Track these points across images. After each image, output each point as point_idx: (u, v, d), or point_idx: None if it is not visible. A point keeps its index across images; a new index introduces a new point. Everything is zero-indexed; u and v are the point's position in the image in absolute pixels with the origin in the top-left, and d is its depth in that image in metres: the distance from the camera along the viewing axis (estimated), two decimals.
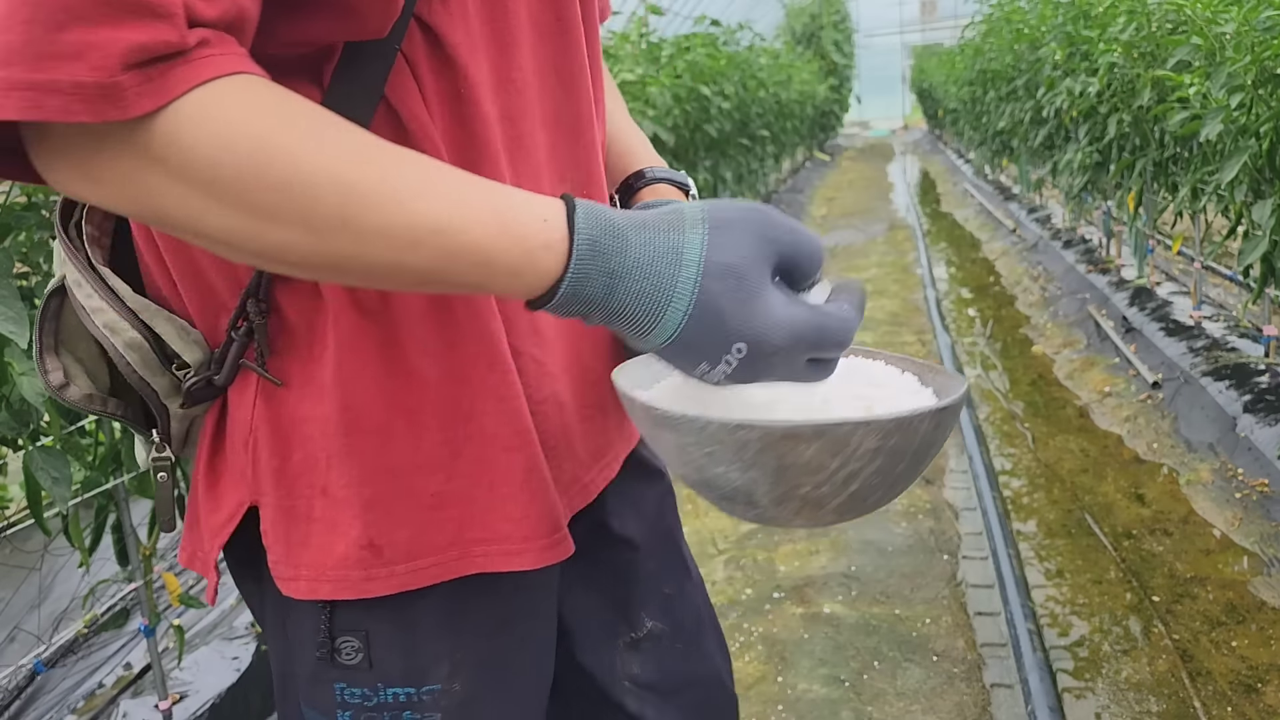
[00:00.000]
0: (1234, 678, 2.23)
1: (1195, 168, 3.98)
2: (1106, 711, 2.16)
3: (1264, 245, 3.03)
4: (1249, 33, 3.27)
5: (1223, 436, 3.39)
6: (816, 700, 2.22)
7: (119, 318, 0.72)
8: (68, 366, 0.78)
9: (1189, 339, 4.26)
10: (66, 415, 1.72)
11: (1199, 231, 4.53)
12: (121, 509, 1.87)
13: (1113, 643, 2.42)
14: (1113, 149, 5.11)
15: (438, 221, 0.58)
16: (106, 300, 0.73)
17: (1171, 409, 3.81)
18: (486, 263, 0.60)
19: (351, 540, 0.73)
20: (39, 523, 1.72)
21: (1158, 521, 3.06)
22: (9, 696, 2.29)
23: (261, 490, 0.75)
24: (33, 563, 2.00)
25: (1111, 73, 4.81)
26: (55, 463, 1.54)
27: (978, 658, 2.37)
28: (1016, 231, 8.39)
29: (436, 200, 0.58)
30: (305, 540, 0.74)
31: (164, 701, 1.99)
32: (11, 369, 1.44)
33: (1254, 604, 2.52)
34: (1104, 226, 6.23)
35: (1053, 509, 3.23)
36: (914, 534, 3.01)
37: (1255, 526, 2.86)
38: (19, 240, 1.61)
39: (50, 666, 2.41)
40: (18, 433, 1.56)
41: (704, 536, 3.19)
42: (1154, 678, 2.27)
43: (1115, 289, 5.42)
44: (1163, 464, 3.45)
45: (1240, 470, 3.17)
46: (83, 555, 1.82)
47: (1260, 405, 3.38)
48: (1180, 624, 2.47)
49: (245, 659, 2.24)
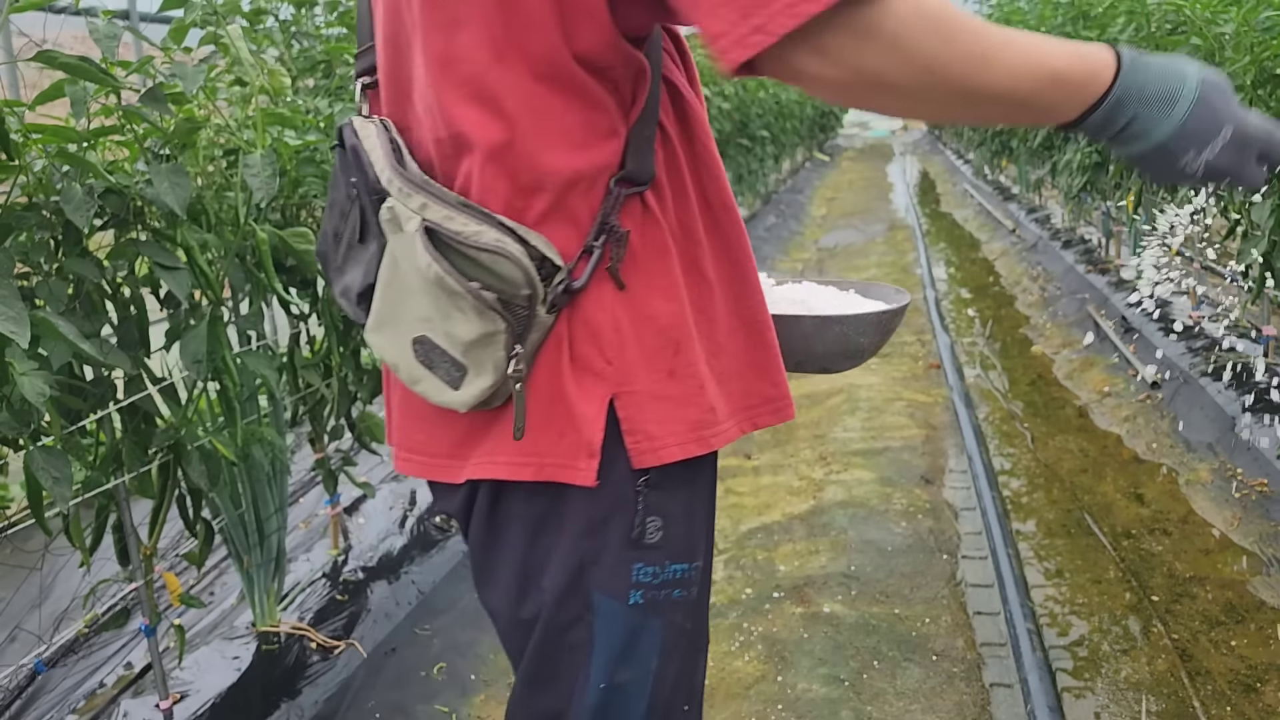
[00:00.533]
0: (1233, 677, 2.24)
1: None
2: (1106, 711, 2.17)
3: (1263, 245, 3.04)
4: (1248, 33, 3.28)
5: (1222, 436, 3.39)
6: (816, 700, 2.22)
7: (500, 234, 0.89)
8: None
9: (1188, 339, 4.27)
10: (67, 415, 1.72)
11: (1198, 232, 4.53)
12: (122, 508, 1.87)
13: (1112, 642, 2.42)
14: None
15: (1044, 58, 0.86)
16: (486, 223, 0.89)
17: (1171, 409, 3.81)
18: (1068, 82, 0.86)
19: (700, 407, 0.96)
20: (40, 522, 1.72)
21: (1157, 521, 3.06)
22: (10, 696, 2.29)
23: (623, 380, 0.94)
24: (33, 562, 2.00)
25: None
26: (56, 462, 1.54)
27: (977, 657, 2.37)
28: (1016, 232, 8.39)
29: (1040, 48, 0.87)
30: (662, 416, 0.95)
31: (164, 701, 1.99)
32: (12, 369, 1.44)
33: (1253, 604, 2.52)
34: (1103, 227, 6.24)
35: (1052, 509, 3.23)
36: (913, 534, 3.01)
37: (1254, 526, 2.86)
38: (20, 241, 1.61)
39: (51, 666, 2.41)
40: (18, 432, 1.56)
41: None
42: (1153, 677, 2.27)
43: (1114, 289, 5.42)
44: (1162, 464, 3.46)
45: (1239, 470, 3.17)
46: (83, 555, 1.82)
47: (1259, 405, 3.38)
48: (1179, 623, 2.48)
49: (246, 659, 2.24)
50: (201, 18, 1.91)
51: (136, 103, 1.62)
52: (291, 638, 2.33)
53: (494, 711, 2.29)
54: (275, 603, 2.40)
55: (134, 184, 1.69)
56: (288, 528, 2.44)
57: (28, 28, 1.82)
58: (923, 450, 3.72)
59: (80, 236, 1.65)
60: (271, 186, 1.73)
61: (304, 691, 2.21)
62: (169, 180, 1.61)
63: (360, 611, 2.51)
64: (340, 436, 2.49)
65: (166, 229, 1.76)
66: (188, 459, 1.86)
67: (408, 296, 0.93)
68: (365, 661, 2.36)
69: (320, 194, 2.16)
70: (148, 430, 1.84)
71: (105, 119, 1.68)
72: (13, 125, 1.52)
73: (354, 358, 2.39)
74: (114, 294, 1.76)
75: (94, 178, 1.63)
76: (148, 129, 1.71)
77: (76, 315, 1.64)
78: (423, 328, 0.92)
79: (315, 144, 2.09)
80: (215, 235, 1.83)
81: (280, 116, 1.91)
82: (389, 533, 2.94)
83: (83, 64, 1.49)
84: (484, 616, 2.75)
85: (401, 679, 2.35)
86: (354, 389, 2.43)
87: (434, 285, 0.90)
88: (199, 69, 1.68)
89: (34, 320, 1.41)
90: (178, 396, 1.91)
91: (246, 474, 2.26)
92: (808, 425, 4.17)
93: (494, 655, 2.49)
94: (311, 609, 2.48)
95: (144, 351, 1.81)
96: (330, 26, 2.84)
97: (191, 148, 1.78)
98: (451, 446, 1.00)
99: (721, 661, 2.43)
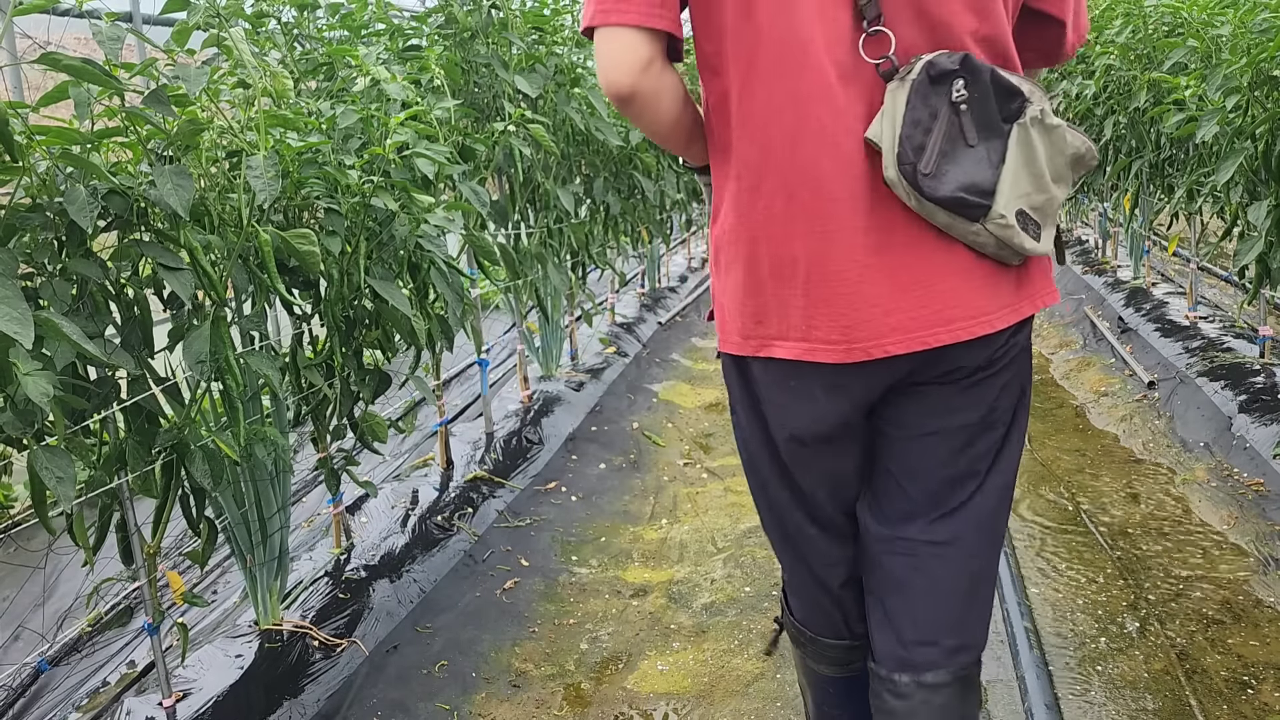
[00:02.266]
0: (1229, 675, 2.25)
1: (1191, 169, 4.00)
2: (1103, 708, 2.18)
3: (1259, 246, 3.05)
4: (1245, 35, 3.30)
5: (1218, 436, 3.40)
6: None
7: None
8: None
9: (1185, 339, 4.28)
10: (71, 415, 1.73)
11: (1195, 233, 4.54)
12: (125, 508, 1.88)
13: (1109, 640, 2.44)
14: (1109, 150, 5.13)
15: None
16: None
17: (1167, 409, 3.83)
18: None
19: (740, 322, 1.33)
20: (43, 522, 1.73)
21: (1153, 520, 3.07)
22: (13, 694, 2.30)
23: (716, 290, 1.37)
24: (37, 561, 2.01)
25: (1108, 75, 4.82)
26: (59, 462, 1.55)
27: None
28: None
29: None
30: (722, 324, 1.36)
31: (167, 699, 2.00)
32: (16, 369, 1.45)
33: (1249, 602, 2.54)
34: (1100, 228, 6.25)
35: (1049, 507, 3.24)
36: None
37: (1251, 525, 2.88)
38: (24, 242, 1.62)
39: (54, 664, 2.42)
40: (22, 432, 1.57)
41: (703, 535, 3.21)
42: (1150, 675, 2.28)
43: (1111, 289, 5.44)
44: (1159, 463, 3.47)
45: (1236, 469, 3.19)
46: (87, 554, 1.83)
47: (1256, 405, 3.39)
48: (1176, 622, 2.49)
49: (249, 657, 2.25)
50: (204, 20, 1.92)
51: (140, 105, 1.63)
52: (294, 636, 2.34)
53: (495, 709, 2.30)
54: (278, 601, 2.42)
55: (137, 185, 1.70)
56: (290, 526, 2.46)
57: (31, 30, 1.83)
58: None
59: (84, 237, 1.66)
60: (274, 188, 1.74)
61: (306, 689, 2.22)
62: (172, 182, 1.63)
63: (362, 610, 2.52)
64: (343, 436, 2.50)
65: (170, 230, 1.77)
66: (191, 458, 1.87)
67: (1031, 174, 1.23)
68: (367, 659, 2.37)
69: (322, 195, 2.17)
70: (151, 430, 1.85)
71: (109, 121, 1.69)
72: (17, 127, 1.53)
73: (356, 358, 2.41)
74: (118, 294, 1.78)
75: (98, 179, 1.64)
76: (151, 131, 1.73)
77: (80, 316, 1.65)
78: (1024, 202, 1.23)
79: (317, 146, 2.11)
80: (218, 236, 1.84)
81: (283, 118, 1.93)
82: (391, 531, 2.95)
83: (86, 66, 1.50)
84: (484, 615, 2.75)
85: (403, 677, 2.36)
86: (356, 389, 2.44)
87: (1074, 159, 1.27)
88: (202, 71, 1.69)
89: (38, 320, 1.42)
90: (181, 396, 1.93)
91: (249, 473, 2.27)
92: None
93: (494, 653, 2.50)
94: (314, 607, 2.50)
95: (147, 352, 1.82)
96: (332, 29, 2.85)
97: (195, 149, 1.79)
98: (1010, 297, 1.28)
99: (721, 659, 2.44)
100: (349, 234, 2.20)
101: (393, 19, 3.05)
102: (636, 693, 2.34)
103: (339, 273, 2.21)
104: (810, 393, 1.30)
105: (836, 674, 1.53)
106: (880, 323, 1.23)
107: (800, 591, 1.52)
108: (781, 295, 1.27)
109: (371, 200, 2.21)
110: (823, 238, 1.23)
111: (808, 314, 1.25)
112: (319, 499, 3.60)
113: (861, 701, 1.47)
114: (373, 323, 2.39)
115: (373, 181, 2.21)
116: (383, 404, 3.89)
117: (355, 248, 2.22)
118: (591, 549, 3.14)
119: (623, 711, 2.28)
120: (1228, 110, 3.18)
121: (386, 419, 2.56)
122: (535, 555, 3.04)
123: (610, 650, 2.54)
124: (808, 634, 1.52)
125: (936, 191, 1.19)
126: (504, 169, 3.46)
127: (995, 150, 1.22)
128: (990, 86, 1.21)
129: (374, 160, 2.25)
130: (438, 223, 2.35)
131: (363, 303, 2.33)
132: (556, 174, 3.63)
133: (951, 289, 1.24)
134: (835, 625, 1.50)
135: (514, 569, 2.93)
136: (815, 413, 1.32)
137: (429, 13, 3.27)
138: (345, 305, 2.28)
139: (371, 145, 2.30)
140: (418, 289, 2.47)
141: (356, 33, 2.89)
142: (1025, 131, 1.22)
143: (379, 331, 2.39)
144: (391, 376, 2.50)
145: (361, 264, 2.20)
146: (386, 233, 2.30)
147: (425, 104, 2.53)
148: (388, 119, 2.29)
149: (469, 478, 3.37)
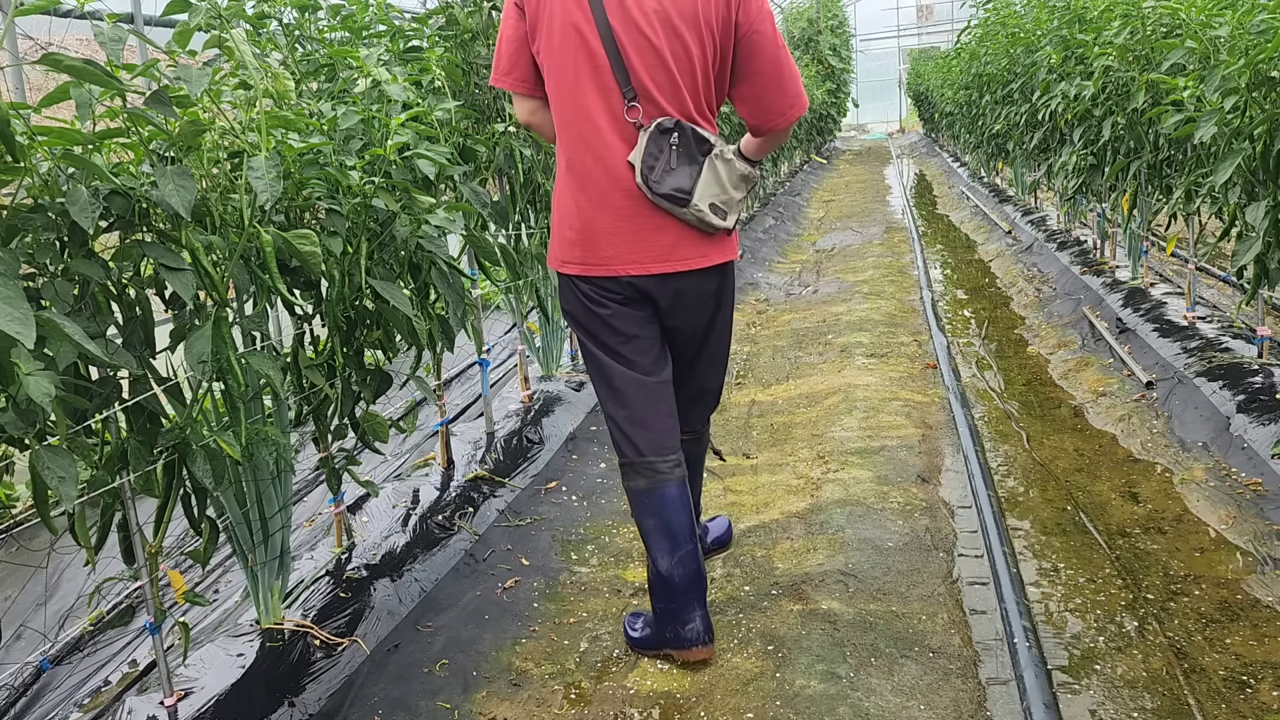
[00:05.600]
0: (1228, 675, 2.26)
1: (1189, 170, 4.01)
2: (1101, 708, 2.19)
3: (1257, 246, 3.06)
4: (1243, 36, 3.31)
5: (1216, 436, 3.41)
6: (814, 696, 2.24)
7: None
8: None
9: (1183, 339, 4.29)
10: (73, 415, 1.73)
11: (1193, 233, 4.55)
12: (127, 507, 1.88)
13: (1108, 639, 2.45)
14: (1107, 152, 5.14)
15: None
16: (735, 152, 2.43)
17: (1165, 409, 3.84)
18: None
19: (563, 254, 2.36)
20: (45, 521, 1.74)
21: (1152, 520, 3.08)
22: (15, 693, 2.31)
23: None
24: (39, 561, 2.02)
25: (1106, 76, 4.84)
26: (61, 461, 1.55)
27: (974, 654, 2.39)
28: (1012, 233, 8.42)
29: None
30: (555, 254, 2.38)
31: (169, 698, 2.01)
32: (18, 369, 1.46)
33: (1248, 602, 2.54)
34: (1098, 228, 6.26)
35: (1048, 507, 3.25)
36: (910, 532, 3.03)
37: (1249, 525, 2.89)
38: (26, 242, 1.62)
39: (56, 663, 2.43)
40: (24, 432, 1.58)
41: None
42: (1148, 674, 2.29)
43: (1110, 290, 5.45)
44: (1157, 463, 3.48)
45: (1234, 469, 3.20)
46: (88, 553, 1.83)
47: (1254, 405, 3.40)
48: (1174, 621, 2.50)
49: (250, 656, 2.26)
50: (206, 21, 1.93)
51: (142, 105, 1.64)
52: (295, 635, 2.35)
53: (495, 707, 2.31)
54: (279, 600, 2.42)
55: (139, 186, 1.71)
56: (291, 526, 2.46)
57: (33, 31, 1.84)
58: (919, 449, 3.74)
59: (86, 238, 1.67)
60: (276, 189, 1.75)
61: (307, 688, 2.22)
62: (174, 182, 1.63)
63: (363, 609, 2.53)
64: (344, 436, 2.50)
65: (171, 231, 1.78)
66: (193, 458, 1.88)
67: (717, 184, 2.25)
68: (368, 658, 2.38)
69: (323, 196, 2.18)
70: (153, 429, 1.86)
71: (110, 121, 1.70)
72: (19, 127, 1.53)
73: (357, 358, 2.41)
74: (119, 295, 1.78)
75: (99, 180, 1.65)
76: (153, 132, 1.73)
77: (82, 316, 1.66)
78: (713, 199, 2.25)
79: (319, 146, 2.11)
80: (220, 237, 1.85)
81: (284, 119, 1.93)
82: (392, 531, 2.96)
83: (88, 67, 1.51)
84: (485, 614, 2.76)
85: (404, 675, 2.37)
86: (357, 389, 2.44)
87: (742, 178, 2.29)
88: (203, 72, 1.70)
89: (40, 321, 1.43)
90: (183, 396, 1.93)
91: (251, 473, 2.28)
92: (806, 425, 4.19)
93: (495, 652, 2.51)
94: (315, 606, 2.50)
95: (149, 352, 1.83)
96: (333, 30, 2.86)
97: (196, 150, 1.80)
98: (708, 250, 2.31)
99: (720, 658, 2.45)
100: (350, 234, 2.20)
101: (394, 20, 3.06)
102: (637, 691, 2.35)
103: (340, 273, 2.22)
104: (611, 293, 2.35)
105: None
106: (625, 257, 2.27)
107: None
108: (586, 237, 2.30)
109: (373, 201, 2.22)
110: (600, 210, 2.26)
111: (589, 250, 2.31)
112: (320, 498, 3.61)
113: None
114: (374, 323, 2.40)
115: (374, 182, 2.22)
116: (384, 404, 3.90)
117: (356, 248, 2.22)
118: (592, 548, 3.15)
119: (623, 710, 2.28)
120: (1226, 111, 3.19)
121: (388, 419, 2.57)
122: (536, 554, 3.05)
123: (611, 649, 2.54)
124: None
125: (660, 190, 2.21)
126: (505, 170, 3.46)
127: (695, 171, 2.23)
128: (691, 136, 2.22)
129: (375, 161, 2.26)
130: (439, 223, 2.35)
131: (364, 303, 2.34)
132: None
133: (669, 243, 2.27)
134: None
135: (515, 568, 2.94)
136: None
137: (430, 14, 3.27)
138: (346, 305, 2.29)
139: (373, 146, 2.31)
140: (419, 289, 2.48)
141: (358, 34, 2.90)
142: (713, 161, 2.24)
143: (380, 332, 2.40)
144: (393, 376, 2.51)
145: (363, 264, 2.21)
146: (388, 233, 2.31)
147: (426, 105, 2.54)
148: (389, 120, 2.30)
149: (470, 477, 3.38)
